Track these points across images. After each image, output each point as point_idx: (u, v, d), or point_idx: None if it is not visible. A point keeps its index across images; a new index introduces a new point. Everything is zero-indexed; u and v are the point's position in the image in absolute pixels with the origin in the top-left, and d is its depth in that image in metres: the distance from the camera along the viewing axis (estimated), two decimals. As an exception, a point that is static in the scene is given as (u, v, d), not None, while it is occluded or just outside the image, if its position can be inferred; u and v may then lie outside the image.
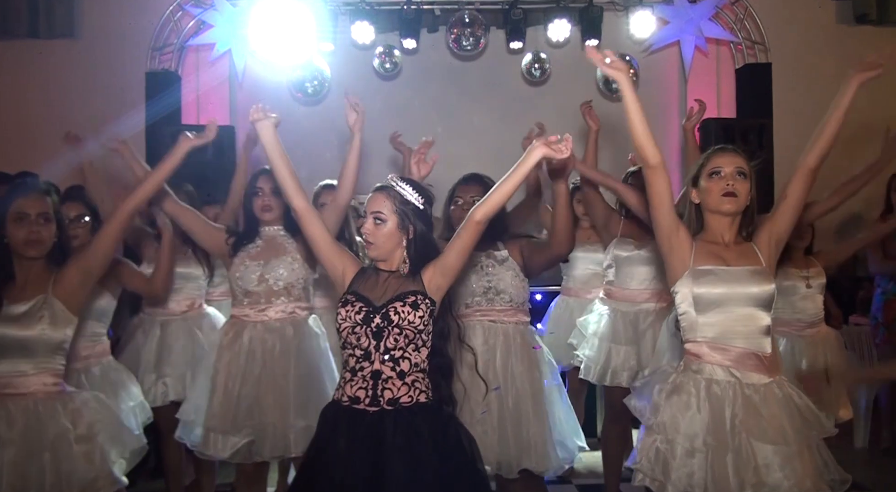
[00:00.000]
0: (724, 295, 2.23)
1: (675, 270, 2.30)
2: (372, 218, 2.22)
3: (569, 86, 6.39)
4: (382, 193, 2.24)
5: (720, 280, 2.24)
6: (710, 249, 2.30)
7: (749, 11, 5.91)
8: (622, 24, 5.92)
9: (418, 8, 5.80)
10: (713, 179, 2.30)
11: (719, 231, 2.32)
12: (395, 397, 2.13)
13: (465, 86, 6.39)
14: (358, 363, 2.15)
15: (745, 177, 2.29)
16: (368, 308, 2.17)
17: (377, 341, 2.14)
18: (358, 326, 2.15)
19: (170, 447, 3.52)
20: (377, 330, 2.14)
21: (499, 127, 6.46)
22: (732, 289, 2.23)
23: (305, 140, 6.26)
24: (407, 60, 6.11)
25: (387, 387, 2.13)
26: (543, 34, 5.94)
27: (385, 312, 2.15)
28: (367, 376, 2.13)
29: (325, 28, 5.71)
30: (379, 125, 6.44)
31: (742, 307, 2.23)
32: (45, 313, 2.32)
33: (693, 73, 6.14)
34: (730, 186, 2.27)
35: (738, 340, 2.22)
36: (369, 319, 2.15)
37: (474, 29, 5.79)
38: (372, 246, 2.23)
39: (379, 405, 2.12)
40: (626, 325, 3.63)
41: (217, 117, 3.21)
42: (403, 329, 2.14)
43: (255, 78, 6.08)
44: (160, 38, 5.78)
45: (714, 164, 2.32)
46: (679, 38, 5.94)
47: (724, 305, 2.23)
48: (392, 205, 2.22)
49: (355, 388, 2.14)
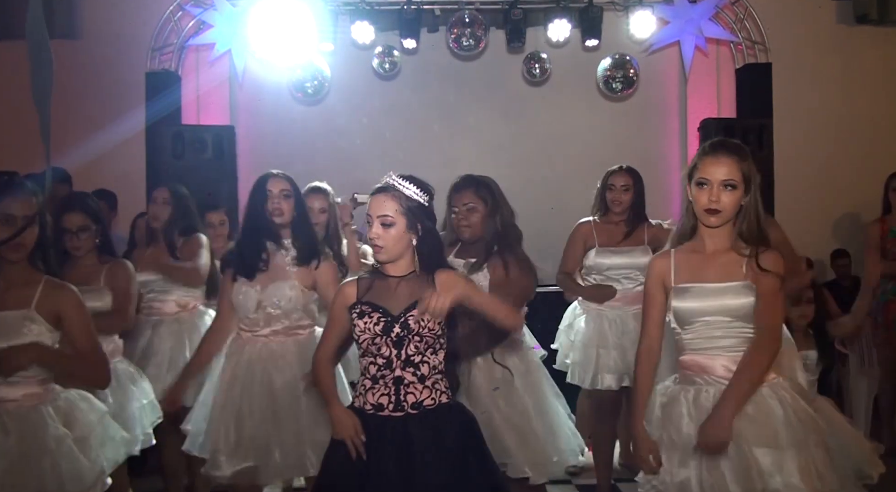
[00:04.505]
0: (701, 309, 2.25)
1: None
2: (378, 222, 2.16)
3: (569, 86, 6.40)
4: (386, 195, 2.17)
5: (696, 296, 2.25)
6: (692, 261, 2.30)
7: (749, 11, 5.91)
8: (622, 24, 5.92)
9: (418, 8, 5.79)
10: (700, 189, 2.24)
11: (707, 241, 2.30)
12: (419, 400, 2.15)
13: (464, 86, 6.39)
14: (380, 371, 2.16)
15: (734, 187, 2.20)
16: (387, 318, 2.15)
17: (398, 350, 2.15)
18: (378, 336, 2.15)
19: (166, 447, 3.50)
20: (398, 339, 2.14)
21: (499, 127, 6.46)
22: (708, 303, 2.24)
23: (305, 140, 6.28)
24: (407, 60, 6.11)
25: (409, 392, 2.15)
26: (543, 34, 5.94)
27: (404, 321, 2.14)
28: (389, 383, 2.15)
29: (325, 28, 5.71)
30: (379, 125, 6.52)
31: (721, 319, 2.24)
32: (29, 326, 2.27)
33: (693, 73, 6.14)
34: (713, 201, 2.20)
35: (722, 351, 2.24)
36: (389, 329, 2.15)
37: (474, 29, 5.79)
38: (382, 250, 2.18)
39: (403, 410, 2.15)
40: (613, 328, 3.68)
41: (217, 117, 3.19)
42: (424, 337, 2.15)
43: (255, 78, 6.09)
44: (160, 38, 5.77)
45: (702, 171, 2.24)
46: (679, 38, 5.93)
47: (702, 319, 2.25)
48: (398, 205, 2.15)
49: (378, 395, 2.16)
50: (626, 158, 4.00)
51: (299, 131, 6.28)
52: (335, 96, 6.12)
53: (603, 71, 5.95)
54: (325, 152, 6.28)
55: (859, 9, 6.13)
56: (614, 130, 6.40)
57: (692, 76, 6.18)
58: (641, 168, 3.94)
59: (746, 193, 2.23)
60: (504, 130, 6.48)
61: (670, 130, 6.49)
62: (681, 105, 6.43)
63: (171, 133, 5.47)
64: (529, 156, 6.50)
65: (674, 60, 6.25)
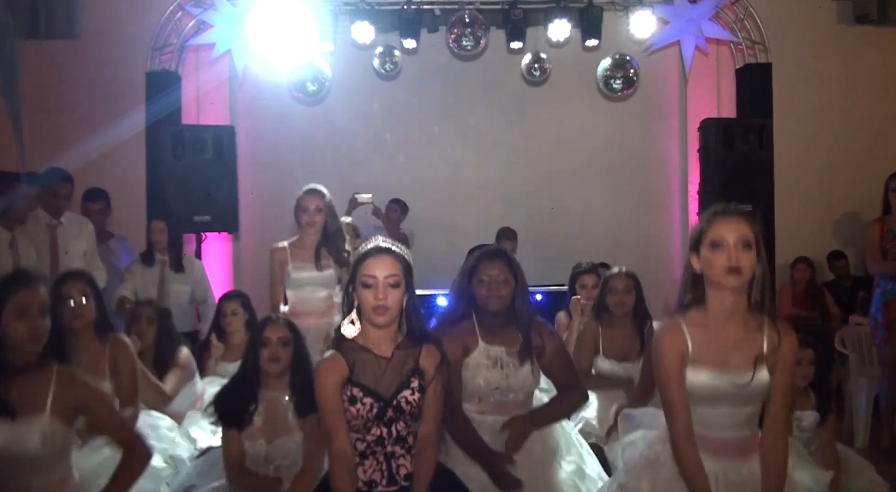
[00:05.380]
0: (715, 392, 2.10)
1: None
2: (386, 283, 2.10)
3: (569, 86, 6.40)
4: (389, 256, 2.14)
5: (713, 378, 2.10)
6: (709, 339, 2.12)
7: (749, 11, 5.91)
8: (622, 24, 5.92)
9: (418, 8, 5.80)
10: (715, 251, 2.09)
11: (721, 306, 2.13)
12: (410, 472, 2.16)
13: (465, 86, 6.40)
14: (369, 448, 2.15)
15: (750, 247, 2.08)
16: (380, 404, 2.13)
17: (388, 428, 2.15)
18: (370, 422, 2.13)
19: None
20: (389, 420, 2.14)
21: (499, 127, 6.47)
22: (724, 383, 2.10)
23: (305, 140, 6.28)
24: (407, 60, 6.11)
25: (400, 464, 2.16)
26: (543, 34, 5.94)
27: (397, 404, 2.14)
28: (380, 460, 2.15)
29: (325, 28, 5.70)
30: (379, 125, 6.52)
31: (732, 400, 2.11)
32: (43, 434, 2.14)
33: (693, 73, 6.14)
34: (732, 260, 2.06)
35: (724, 430, 2.13)
36: (382, 414, 2.14)
37: (474, 29, 5.78)
38: (387, 313, 2.11)
39: (397, 484, 2.14)
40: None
41: (217, 117, 3.17)
42: (414, 414, 2.17)
43: (255, 78, 6.09)
44: (160, 38, 5.77)
45: (715, 233, 2.10)
46: (679, 38, 5.93)
47: (713, 400, 2.11)
48: (400, 266, 2.13)
49: (370, 472, 2.14)
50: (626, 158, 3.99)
51: (299, 131, 6.28)
52: (335, 97, 6.12)
53: (603, 71, 5.95)
54: (325, 152, 6.29)
55: (859, 9, 6.14)
56: (614, 130, 6.40)
57: (692, 76, 6.18)
58: (641, 168, 3.95)
59: (759, 258, 2.10)
60: (504, 130, 6.49)
61: (670, 130, 6.49)
62: (681, 105, 6.44)
63: (171, 133, 5.46)
64: (529, 156, 6.50)
65: (674, 60, 6.25)
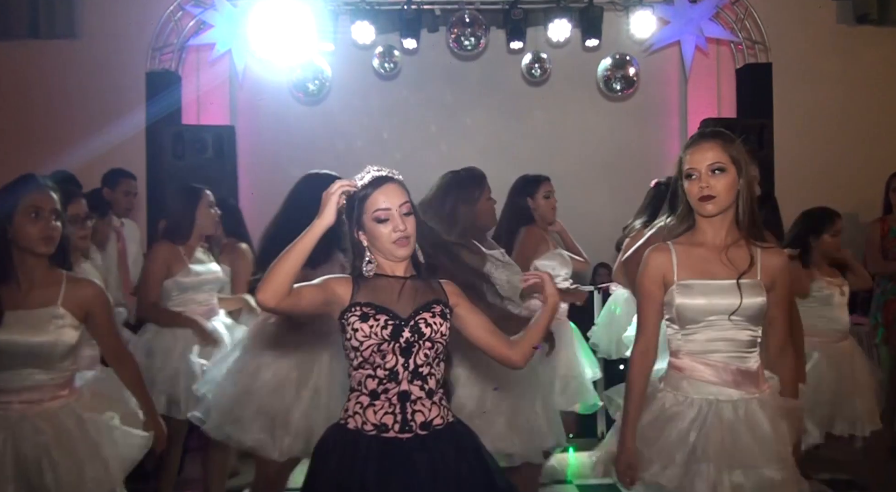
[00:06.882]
0: (706, 308, 2.11)
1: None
2: (401, 211, 1.92)
3: (569, 86, 6.40)
4: (394, 184, 1.95)
5: (702, 293, 2.11)
6: (696, 255, 2.15)
7: (749, 11, 5.91)
8: (622, 24, 5.92)
9: (418, 8, 5.80)
10: (691, 181, 2.13)
11: (709, 232, 2.16)
12: (428, 420, 1.90)
13: (465, 86, 6.40)
14: (381, 385, 1.88)
15: (723, 170, 2.09)
16: (395, 321, 1.88)
17: (405, 359, 1.88)
18: (385, 342, 1.87)
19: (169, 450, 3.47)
20: (406, 346, 1.88)
21: (499, 127, 6.47)
22: (714, 301, 2.10)
23: (305, 140, 6.28)
24: (407, 60, 6.11)
25: (417, 410, 1.89)
26: (543, 34, 5.94)
27: (415, 324, 1.90)
28: (392, 399, 1.88)
29: (325, 28, 5.71)
30: (379, 125, 6.51)
31: (726, 320, 2.10)
32: (56, 322, 2.28)
33: (693, 73, 6.14)
34: (704, 188, 2.09)
35: (720, 354, 2.12)
36: (398, 333, 1.88)
37: (474, 29, 5.79)
38: (409, 242, 1.93)
39: (411, 431, 1.88)
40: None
41: (217, 117, 3.18)
42: (435, 342, 1.91)
43: (255, 78, 6.09)
44: (160, 38, 5.78)
45: (688, 164, 2.13)
46: (679, 38, 5.94)
47: (706, 319, 2.11)
48: (406, 192, 1.96)
49: (380, 413, 1.88)
50: (626, 158, 4.00)
51: (299, 131, 6.28)
52: (335, 96, 6.12)
53: (603, 71, 5.95)
54: (324, 152, 6.28)
55: (859, 9, 6.13)
56: (614, 130, 6.39)
57: (692, 76, 6.18)
58: (641, 168, 3.96)
59: (739, 177, 2.11)
60: (504, 130, 6.48)
61: (670, 130, 6.49)
62: (681, 105, 6.43)
63: (171, 133, 5.47)
64: (529, 156, 6.48)
65: (674, 60, 6.25)
